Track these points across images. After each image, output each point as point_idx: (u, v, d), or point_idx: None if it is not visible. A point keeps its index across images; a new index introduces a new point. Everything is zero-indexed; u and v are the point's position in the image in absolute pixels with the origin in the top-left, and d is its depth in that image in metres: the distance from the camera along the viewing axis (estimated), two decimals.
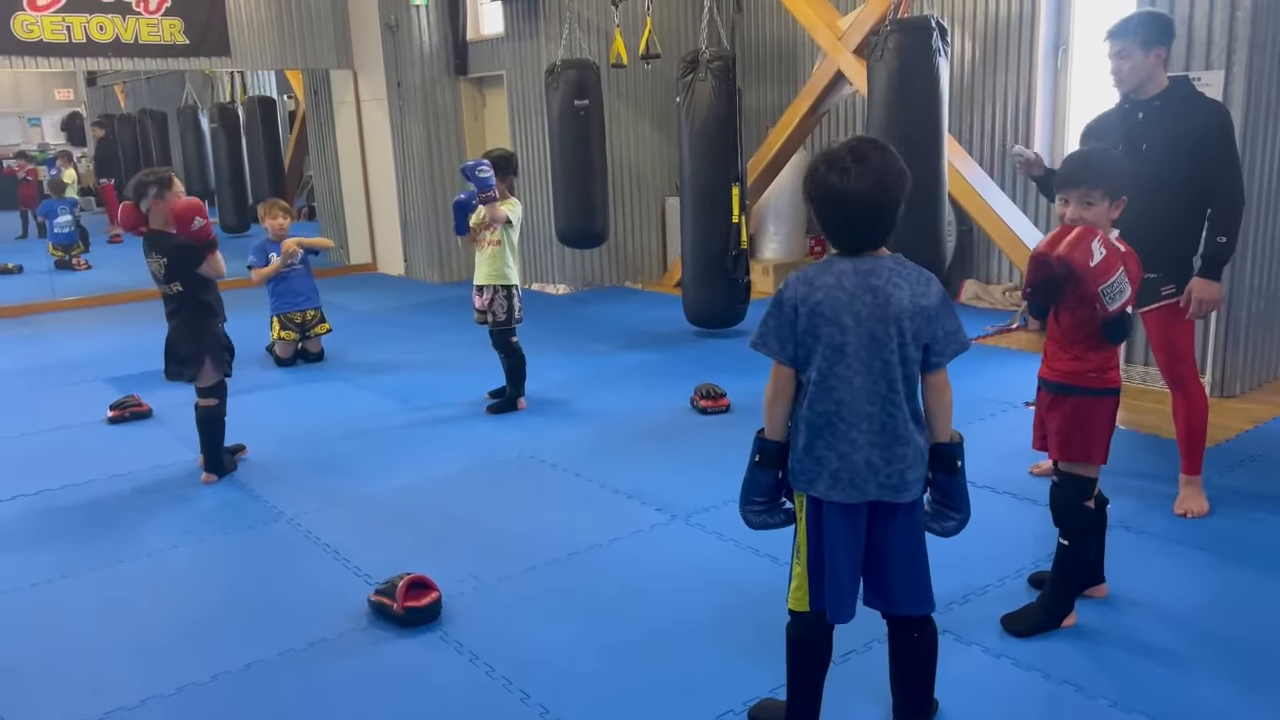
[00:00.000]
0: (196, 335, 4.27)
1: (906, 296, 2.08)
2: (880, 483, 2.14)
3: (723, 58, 6.30)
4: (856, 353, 2.10)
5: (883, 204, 2.07)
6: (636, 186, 8.74)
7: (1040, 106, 6.96)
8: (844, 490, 2.15)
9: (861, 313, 2.09)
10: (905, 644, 2.33)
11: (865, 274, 2.10)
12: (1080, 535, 2.77)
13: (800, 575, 2.27)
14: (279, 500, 4.13)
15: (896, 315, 2.08)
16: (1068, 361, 2.76)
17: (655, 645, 2.89)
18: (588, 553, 3.51)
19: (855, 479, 2.14)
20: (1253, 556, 3.25)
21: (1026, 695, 2.58)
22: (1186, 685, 2.57)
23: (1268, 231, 4.83)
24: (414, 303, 8.68)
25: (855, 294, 2.09)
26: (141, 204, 4.20)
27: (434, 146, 9.39)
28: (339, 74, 10.21)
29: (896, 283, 2.09)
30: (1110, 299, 2.57)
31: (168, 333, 4.31)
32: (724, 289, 6.51)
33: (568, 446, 4.64)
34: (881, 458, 2.13)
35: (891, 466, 2.14)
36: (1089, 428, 2.74)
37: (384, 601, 3.08)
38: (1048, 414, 2.83)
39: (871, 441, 2.12)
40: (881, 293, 2.08)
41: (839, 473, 2.15)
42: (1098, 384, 2.74)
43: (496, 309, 5.14)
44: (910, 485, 2.16)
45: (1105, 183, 2.71)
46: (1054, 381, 2.80)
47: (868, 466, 2.13)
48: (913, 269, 2.13)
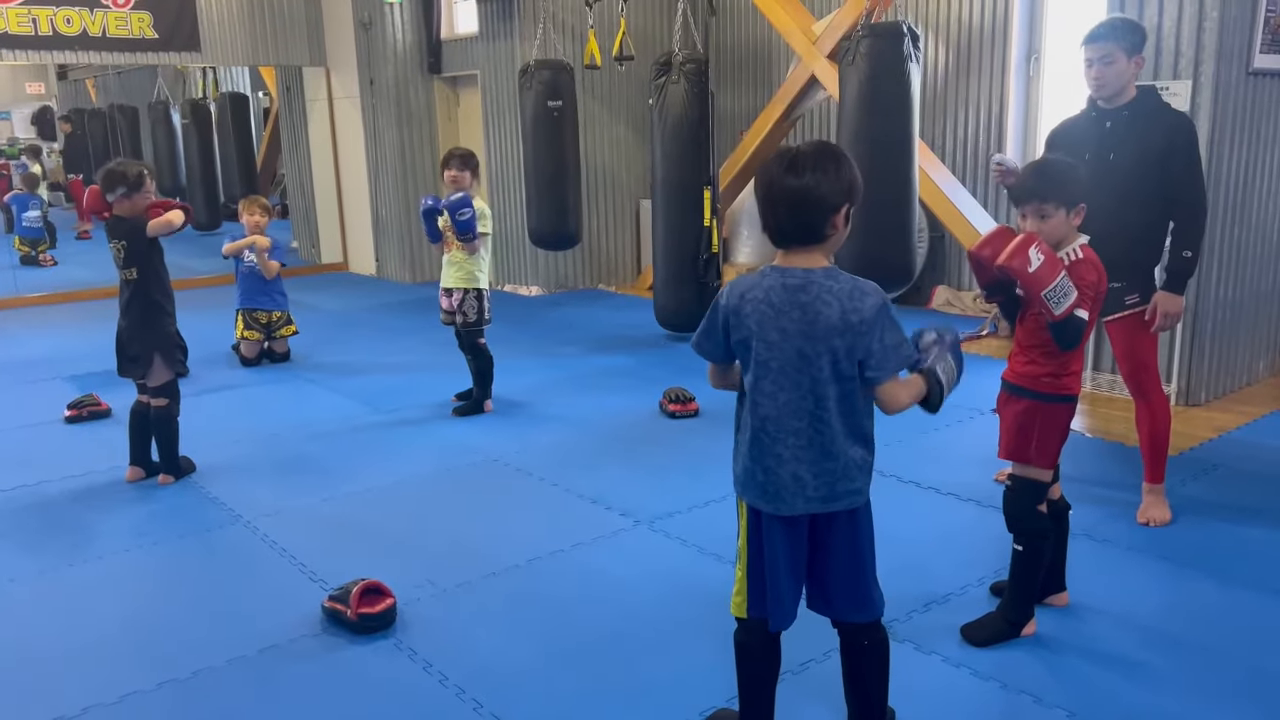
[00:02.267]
0: (145, 333, 4.18)
1: (836, 313, 2.02)
2: (808, 496, 2.11)
3: (696, 60, 6.28)
4: (782, 368, 2.07)
5: (820, 208, 2.01)
6: (610, 188, 8.71)
7: (1012, 114, 6.99)
8: (772, 502, 2.13)
9: (789, 329, 2.05)
10: (854, 651, 2.29)
11: (794, 289, 2.05)
12: (1034, 539, 2.75)
13: (740, 580, 2.25)
14: (236, 503, 4.06)
15: (825, 333, 2.03)
16: (1024, 364, 2.76)
17: (613, 654, 2.85)
18: (549, 559, 3.46)
19: (781, 492, 2.11)
20: (1214, 566, 3.25)
21: (984, 706, 2.56)
22: (1145, 695, 2.56)
23: (1233, 242, 4.85)
24: (384, 303, 8.60)
25: (782, 309, 2.06)
26: (108, 196, 4.14)
27: (407, 146, 9.32)
28: (312, 71, 10.12)
29: (826, 299, 2.03)
30: (1054, 303, 2.56)
31: (119, 328, 4.23)
32: (695, 293, 6.47)
33: (534, 450, 4.59)
34: (809, 472, 2.09)
35: (819, 480, 2.10)
36: (1036, 431, 2.73)
37: (337, 608, 3.02)
38: (1002, 412, 2.83)
39: (797, 456, 2.09)
40: (810, 309, 2.03)
41: (765, 485, 2.13)
42: (1051, 389, 2.73)
43: (466, 309, 5.09)
44: (840, 496, 2.12)
45: (1057, 194, 2.68)
46: (1010, 382, 2.81)
47: (794, 481, 2.10)
48: (847, 282, 2.05)
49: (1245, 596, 3.05)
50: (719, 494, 3.96)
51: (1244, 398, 4.97)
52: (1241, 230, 4.89)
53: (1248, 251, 4.95)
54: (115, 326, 4.26)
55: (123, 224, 4.15)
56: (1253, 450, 4.28)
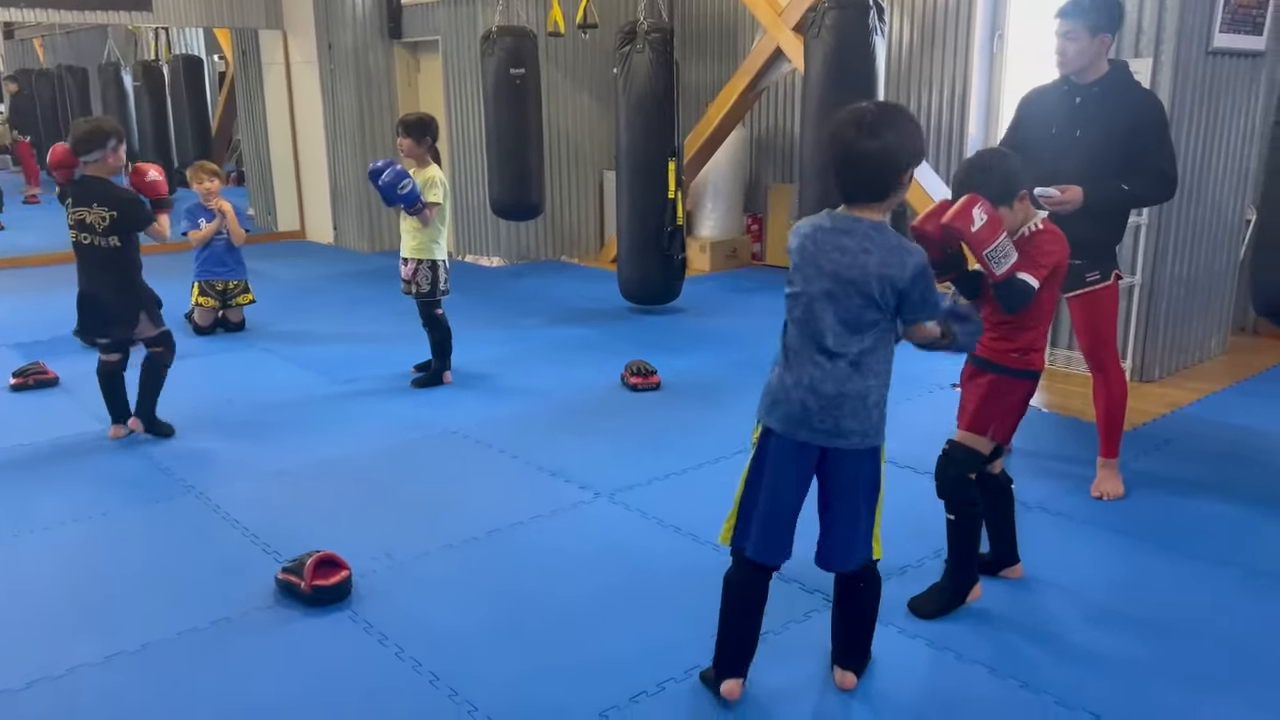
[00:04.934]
0: (128, 295, 4.18)
1: (873, 263, 2.15)
2: (813, 427, 2.24)
3: (661, 30, 6.21)
4: (812, 302, 2.20)
5: (894, 169, 2.14)
6: (574, 159, 8.62)
7: (976, 91, 6.99)
8: (780, 423, 2.26)
9: (825, 267, 2.18)
10: (851, 592, 2.45)
11: (840, 232, 2.18)
12: (965, 507, 2.78)
13: (733, 509, 2.35)
14: (189, 473, 3.98)
15: (856, 278, 2.15)
16: (993, 340, 2.76)
17: (572, 626, 2.84)
18: (507, 531, 3.43)
19: (790, 416, 2.25)
20: (1165, 539, 3.30)
21: (938, 676, 2.58)
22: (1094, 666, 2.59)
23: (1189, 220, 4.90)
24: (342, 272, 8.47)
25: (823, 248, 2.19)
26: (83, 157, 4.02)
27: (366, 112, 9.15)
28: (268, 34, 9.89)
29: (867, 247, 2.16)
30: (995, 263, 2.57)
31: (90, 289, 4.13)
32: (659, 265, 6.45)
33: (493, 422, 4.55)
34: (817, 403, 2.22)
35: (825, 413, 2.22)
36: (1000, 406, 2.75)
37: (291, 579, 2.98)
38: (965, 385, 2.85)
39: (811, 387, 2.22)
40: (849, 252, 2.16)
41: (776, 404, 2.27)
42: (1018, 364, 2.75)
43: (420, 280, 5.02)
44: (847, 434, 2.24)
45: (988, 189, 2.65)
46: (978, 356, 2.81)
47: (803, 409, 2.23)
48: (892, 238, 2.19)
49: (1196, 569, 3.10)
50: (679, 467, 3.95)
51: (1197, 374, 5.05)
52: (1198, 208, 4.94)
53: (1203, 230, 5.01)
54: (63, 293, 4.16)
55: (108, 191, 4.05)
56: (1205, 426, 4.35)
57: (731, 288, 7.46)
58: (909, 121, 2.18)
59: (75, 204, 4.08)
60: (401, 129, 4.89)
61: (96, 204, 4.03)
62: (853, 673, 2.50)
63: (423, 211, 4.81)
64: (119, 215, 4.04)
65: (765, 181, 8.38)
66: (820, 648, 2.63)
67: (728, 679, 2.42)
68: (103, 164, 4.05)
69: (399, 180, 4.67)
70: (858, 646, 2.51)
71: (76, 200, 4.08)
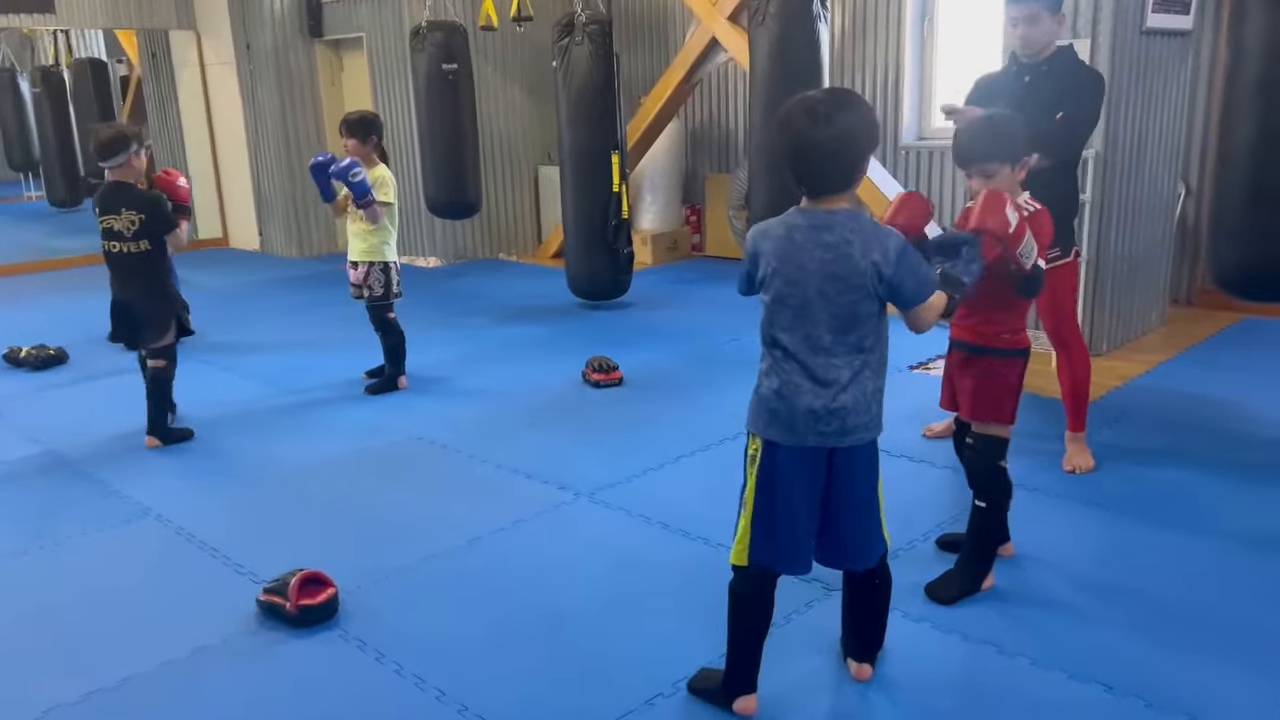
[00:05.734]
0: (164, 301, 4.24)
1: (858, 253, 2.10)
2: (819, 430, 2.18)
3: (599, 21, 6.14)
4: (801, 305, 2.14)
5: (850, 156, 2.10)
6: (507, 155, 8.50)
7: (908, 76, 7.08)
8: (783, 433, 2.19)
9: (809, 266, 2.13)
10: (867, 588, 2.42)
11: (818, 229, 2.13)
12: (997, 496, 2.79)
13: (744, 528, 2.27)
14: (142, 495, 3.80)
15: (845, 273, 2.11)
16: (982, 324, 2.77)
17: (571, 630, 2.77)
18: (490, 537, 3.35)
19: (794, 424, 2.18)
20: (1139, 509, 3.37)
21: (951, 658, 2.58)
22: (1096, 638, 2.62)
23: (1128, 197, 5.03)
24: (272, 279, 8.20)
25: (805, 248, 2.13)
26: (117, 159, 4.02)
27: (289, 114, 8.88)
28: (180, 35, 9.52)
29: (849, 239, 2.11)
30: (1026, 257, 2.58)
31: (123, 296, 4.17)
32: (606, 260, 6.39)
33: (457, 426, 4.44)
34: (823, 406, 2.16)
35: (831, 415, 2.17)
36: (1000, 387, 2.76)
37: (275, 600, 2.85)
38: (960, 374, 2.85)
39: (812, 390, 2.16)
40: (833, 248, 2.11)
41: (775, 416, 2.19)
42: (1010, 344, 2.77)
43: (372, 283, 4.88)
44: (854, 430, 2.19)
45: (1003, 151, 2.70)
46: (968, 342, 2.82)
47: (808, 413, 2.17)
48: (868, 224, 2.15)
49: (1173, 538, 3.17)
50: (656, 462, 3.91)
51: (1141, 346, 5.19)
52: (1137, 185, 5.08)
53: (1142, 205, 5.15)
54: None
55: (135, 195, 4.08)
56: (1157, 396, 4.47)
57: (675, 280, 7.44)
58: (862, 105, 2.12)
59: (103, 212, 4.08)
60: (345, 129, 4.75)
61: (125, 209, 4.04)
62: (869, 664, 2.49)
63: (373, 206, 4.66)
64: (147, 218, 4.07)
65: (702, 173, 8.38)
66: (825, 638, 2.62)
67: (742, 696, 2.35)
68: (127, 169, 4.07)
69: (350, 169, 4.52)
70: (872, 637, 2.50)
71: (105, 208, 4.08)
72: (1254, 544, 3.10)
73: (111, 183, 4.08)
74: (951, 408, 2.99)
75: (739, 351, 5.42)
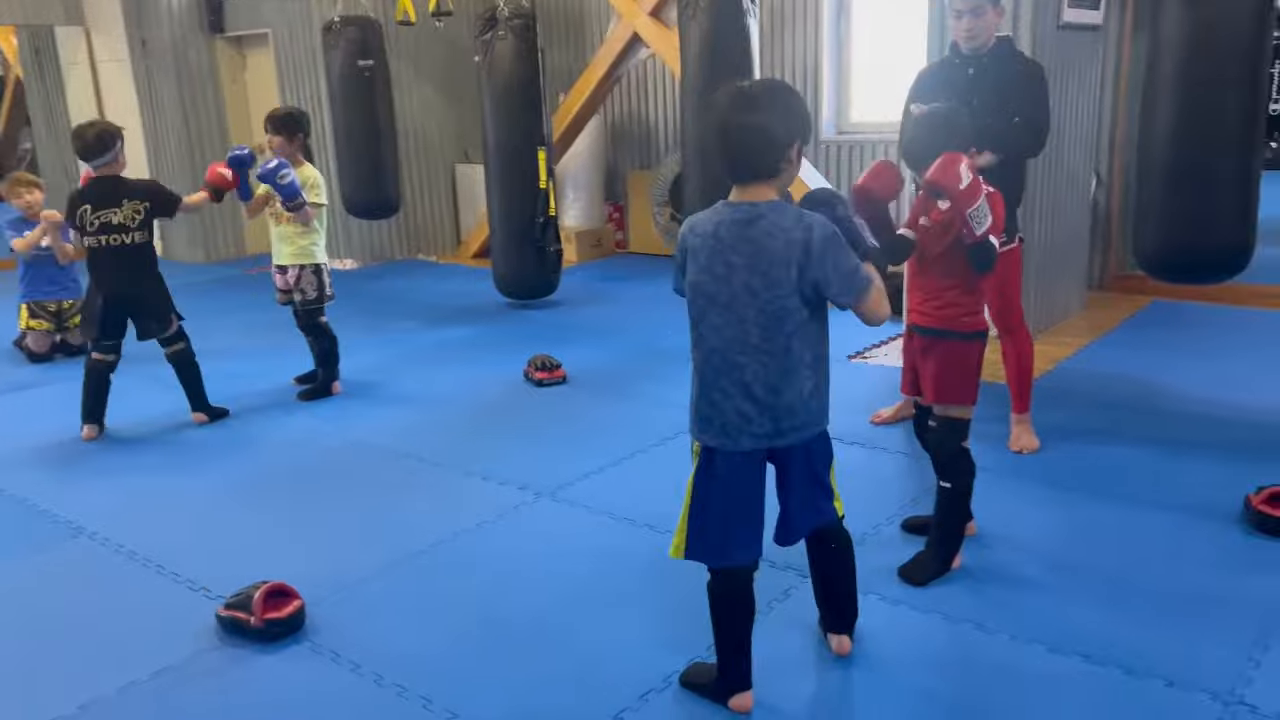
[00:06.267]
0: (164, 288, 4.38)
1: (781, 245, 2.06)
2: (754, 433, 2.14)
3: (523, 15, 6.07)
4: (728, 303, 2.10)
5: (774, 144, 2.06)
6: (422, 153, 8.33)
7: (827, 70, 7.20)
8: (719, 439, 2.16)
9: (735, 262, 2.08)
10: (824, 555, 2.42)
11: (742, 223, 2.09)
12: (962, 477, 2.84)
13: (681, 521, 2.25)
14: (72, 513, 3.58)
15: (772, 265, 2.06)
16: (940, 307, 2.81)
17: (551, 630, 2.72)
18: (454, 540, 3.26)
19: (727, 428, 2.15)
20: (1087, 486, 3.47)
21: (933, 637, 2.62)
22: (1068, 612, 2.69)
23: (1050, 187, 5.20)
24: (178, 286, 7.57)
25: (729, 243, 2.09)
26: (105, 156, 4.08)
27: (190, 114, 8.53)
28: (67, 31, 9.05)
29: (772, 232, 2.06)
30: (976, 223, 2.62)
31: (127, 290, 4.24)
32: (534, 257, 6.31)
33: (401, 430, 4.32)
34: (754, 408, 2.13)
35: (764, 416, 2.13)
36: (963, 370, 2.81)
37: (237, 616, 2.72)
38: (921, 359, 2.88)
39: (743, 392, 2.12)
40: (757, 243, 2.07)
41: (711, 419, 2.15)
42: (970, 327, 2.82)
43: (304, 286, 4.72)
44: (787, 432, 2.16)
45: (951, 144, 2.70)
46: (929, 327, 2.85)
47: (739, 416, 2.13)
48: (793, 214, 2.09)
49: (1123, 512, 3.28)
50: (612, 459, 3.87)
51: (1066, 330, 5.37)
52: (1058, 174, 5.25)
53: (1062, 195, 5.33)
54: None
55: (124, 185, 4.16)
56: (1086, 378, 4.63)
57: (602, 277, 7.40)
58: (790, 94, 2.11)
59: (98, 207, 4.06)
60: (270, 125, 4.58)
61: (127, 200, 4.12)
62: (847, 636, 2.51)
63: (303, 209, 4.51)
64: (153, 204, 4.20)
65: (624, 169, 8.36)
66: (806, 623, 2.63)
67: (737, 694, 2.32)
68: (116, 164, 4.15)
69: (278, 171, 4.36)
70: (845, 607, 2.51)
71: (99, 203, 4.06)
72: (1198, 515, 3.22)
73: (103, 177, 4.13)
74: (913, 392, 3.04)
75: (680, 347, 5.31)
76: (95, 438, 4.36)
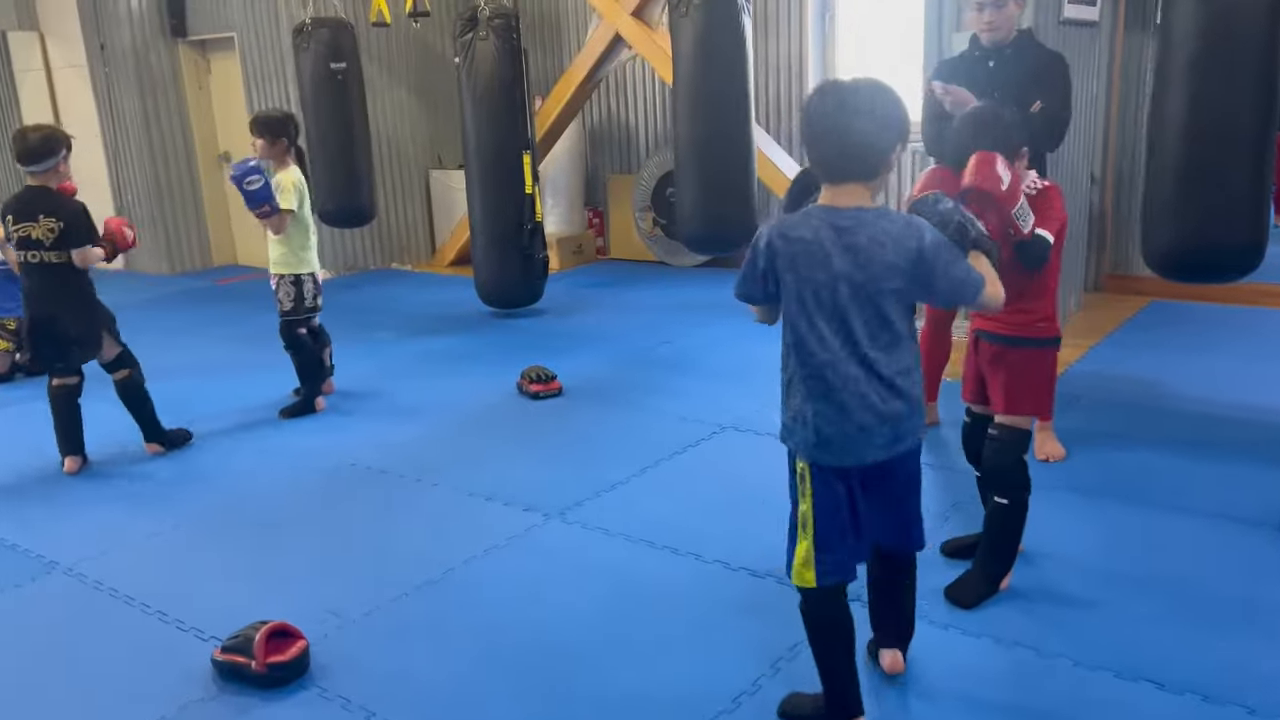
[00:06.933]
0: (89, 314, 3.92)
1: (890, 252, 1.96)
2: (876, 445, 2.05)
3: (505, 15, 5.87)
4: (835, 312, 1.98)
5: (876, 145, 1.97)
6: (395, 159, 8.10)
7: (811, 71, 7.07)
8: (838, 456, 2.04)
9: (841, 269, 1.97)
10: (901, 575, 2.32)
11: (845, 230, 1.97)
12: (1019, 492, 2.69)
13: (807, 549, 2.09)
14: (46, 547, 3.33)
15: (880, 274, 1.96)
16: (1013, 313, 2.65)
17: (581, 663, 2.53)
18: (464, 568, 3.05)
19: (848, 444, 2.04)
20: (1120, 492, 3.35)
21: (988, 664, 2.46)
22: (1128, 631, 2.54)
23: None
24: (143, 300, 7.54)
25: (832, 252, 1.97)
26: (45, 163, 3.73)
27: (153, 121, 8.21)
28: (20, 36, 8.70)
29: (880, 239, 1.96)
30: (1022, 221, 2.49)
31: (44, 312, 3.83)
32: (519, 265, 6.11)
33: (393, 448, 4.10)
34: (873, 418, 2.02)
35: (884, 425, 2.04)
36: (1038, 379, 2.67)
37: (236, 660, 2.50)
38: (991, 368, 2.73)
39: (861, 403, 2.01)
40: (863, 251, 1.96)
41: (830, 439, 2.04)
42: (1046, 333, 2.68)
43: (282, 297, 4.50)
44: (904, 437, 2.08)
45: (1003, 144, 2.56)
46: (998, 333, 2.70)
47: (859, 430, 2.03)
48: (900, 220, 2.01)
49: (1163, 519, 3.15)
50: (622, 475, 3.68)
51: (1068, 332, 5.18)
52: (1057, 173, 5.13)
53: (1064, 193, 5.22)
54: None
55: (46, 198, 3.77)
56: (1097, 380, 4.52)
57: (586, 284, 7.21)
58: (893, 95, 2.03)
59: (18, 220, 3.73)
60: (254, 128, 4.36)
61: (43, 215, 3.74)
62: (900, 651, 2.39)
63: (272, 216, 4.28)
64: (67, 226, 3.76)
65: (603, 174, 8.18)
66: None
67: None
68: (52, 173, 3.79)
69: (246, 175, 4.13)
70: (909, 623, 2.39)
71: (19, 215, 3.73)
72: (1239, 519, 3.10)
73: (31, 187, 3.80)
74: (977, 400, 2.87)
75: (674, 355, 5.25)
76: (79, 469, 4.03)
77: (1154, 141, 3.83)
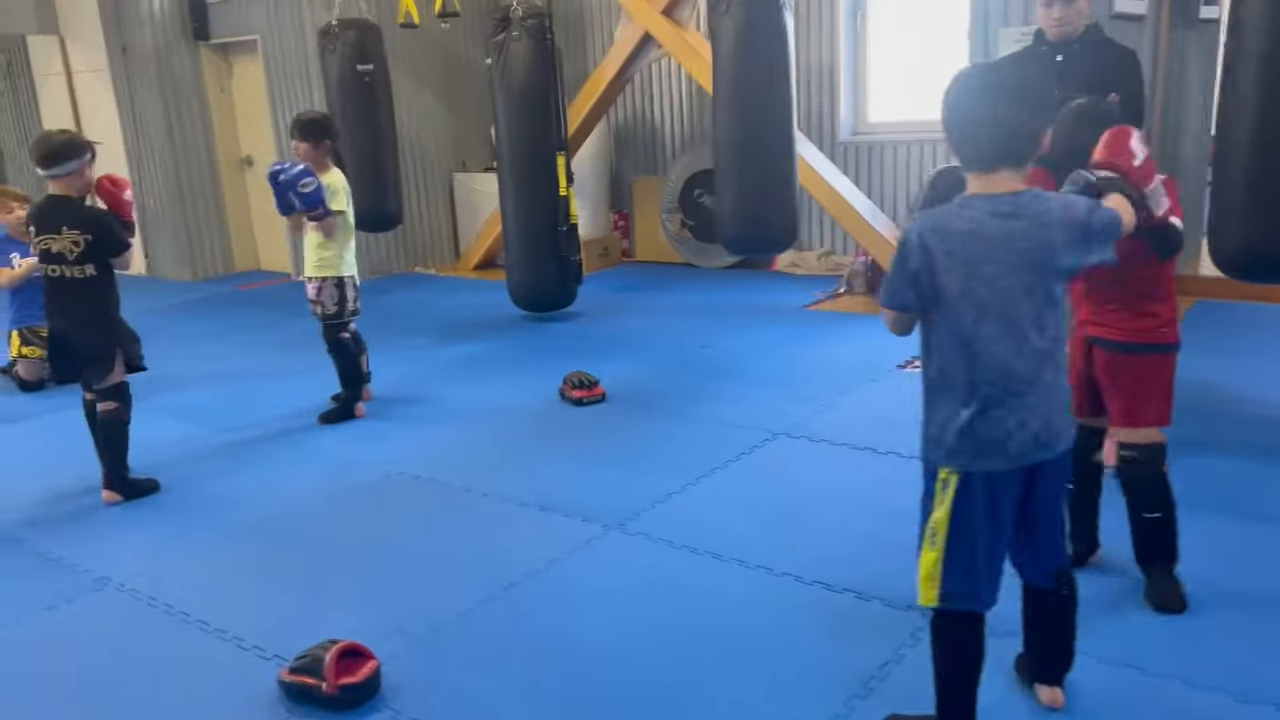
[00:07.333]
0: (106, 332, 3.66)
1: (1059, 235, 1.89)
2: (1041, 443, 1.95)
3: (538, 15, 5.79)
4: (1005, 308, 1.88)
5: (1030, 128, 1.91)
6: (419, 163, 8.01)
7: (843, 70, 6.97)
8: (999, 460, 1.93)
9: (1005, 260, 1.87)
10: (1054, 601, 2.15)
11: (1007, 216, 1.88)
12: (1168, 505, 2.59)
13: (935, 564, 1.98)
14: (93, 562, 3.24)
15: (1050, 256, 1.89)
16: (1135, 318, 2.53)
17: (661, 682, 2.43)
18: (528, 581, 2.95)
19: (1010, 446, 1.92)
20: (1200, 502, 3.14)
21: (1136, 698, 2.28)
22: (1236, 649, 2.41)
23: None
24: (167, 306, 7.46)
25: (997, 241, 1.88)
26: (65, 167, 3.50)
27: (175, 125, 8.13)
28: (41, 40, 8.64)
29: (1045, 220, 1.89)
30: (1155, 203, 2.34)
31: (60, 327, 3.63)
32: (554, 268, 6.02)
33: (437, 456, 4.01)
34: (1035, 418, 1.93)
35: (1047, 426, 1.94)
36: (1157, 386, 2.56)
37: (306, 681, 2.40)
38: (1108, 377, 2.60)
39: (1025, 403, 1.91)
40: (1030, 236, 1.89)
41: (989, 446, 1.91)
42: (1168, 339, 2.56)
43: (325, 300, 4.43)
44: (1061, 432, 1.98)
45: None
46: (1122, 342, 2.55)
47: (1021, 429, 1.92)
48: (1056, 199, 1.96)
49: (1251, 529, 3.04)
50: (678, 484, 3.58)
51: None
52: None
53: None
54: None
55: (69, 209, 3.55)
56: None
57: (616, 287, 7.11)
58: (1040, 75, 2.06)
59: (40, 231, 3.53)
60: (295, 131, 4.29)
61: (66, 228, 3.53)
62: (1060, 687, 2.25)
63: (325, 219, 4.21)
64: (95, 239, 3.55)
65: (628, 176, 8.08)
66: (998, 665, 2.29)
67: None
68: (73, 180, 3.55)
69: (300, 178, 4.06)
70: (1066, 657, 2.24)
71: (41, 227, 3.53)
72: None
73: (51, 197, 3.58)
74: (1090, 414, 2.70)
75: (715, 359, 5.15)
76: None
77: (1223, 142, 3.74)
